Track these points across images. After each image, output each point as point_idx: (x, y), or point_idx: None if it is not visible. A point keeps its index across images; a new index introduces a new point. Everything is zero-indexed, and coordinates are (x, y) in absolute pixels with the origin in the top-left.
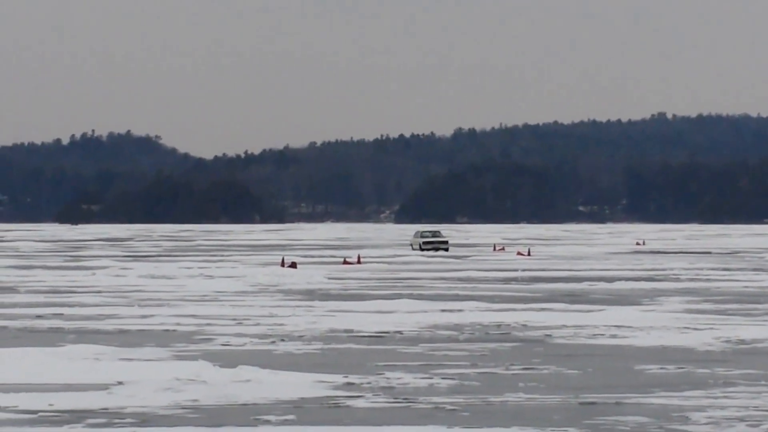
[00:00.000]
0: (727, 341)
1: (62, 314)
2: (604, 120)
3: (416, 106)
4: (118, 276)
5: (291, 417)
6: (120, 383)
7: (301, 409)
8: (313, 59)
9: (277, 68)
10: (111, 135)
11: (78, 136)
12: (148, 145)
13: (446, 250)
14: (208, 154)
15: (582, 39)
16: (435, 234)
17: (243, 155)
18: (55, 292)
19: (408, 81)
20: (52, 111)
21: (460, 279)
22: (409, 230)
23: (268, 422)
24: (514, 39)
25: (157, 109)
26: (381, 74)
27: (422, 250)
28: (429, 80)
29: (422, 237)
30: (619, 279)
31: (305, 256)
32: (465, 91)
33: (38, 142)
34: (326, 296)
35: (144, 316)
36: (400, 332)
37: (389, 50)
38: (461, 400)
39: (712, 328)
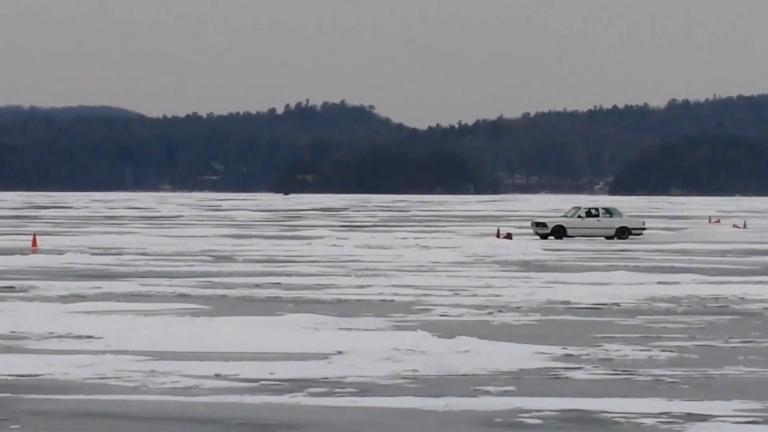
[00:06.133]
0: None
1: (280, 283)
2: None
3: (630, 77)
4: (334, 246)
5: (511, 388)
6: (339, 353)
7: (521, 380)
8: (527, 30)
9: (492, 39)
10: (325, 104)
11: (292, 105)
12: (362, 114)
13: None
14: (421, 125)
15: None
16: None
17: (457, 125)
18: (272, 261)
19: (622, 52)
20: (267, 81)
21: (675, 251)
22: (624, 202)
23: (487, 393)
24: (727, 10)
25: (372, 78)
26: (594, 45)
27: None
28: (643, 51)
29: None
30: None
31: (520, 227)
32: (679, 62)
33: (253, 111)
34: (542, 267)
35: (361, 286)
36: (617, 304)
37: (602, 22)
38: (681, 372)
39: None
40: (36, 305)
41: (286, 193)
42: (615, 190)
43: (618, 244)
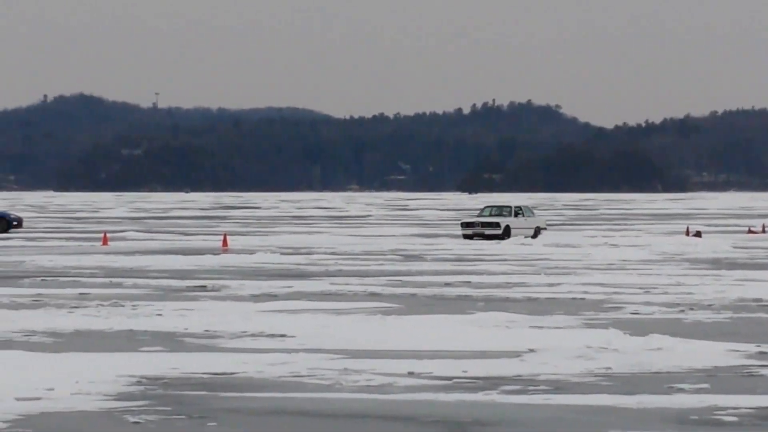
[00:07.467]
0: None
1: (470, 282)
2: None
3: None
4: (523, 244)
5: (705, 386)
6: (532, 351)
7: (715, 378)
8: (714, 28)
9: (678, 37)
10: (512, 104)
11: (479, 105)
12: (549, 114)
13: None
14: (608, 123)
15: None
16: None
17: (644, 124)
18: (461, 260)
19: None
20: (454, 81)
21: None
22: None
23: (682, 390)
24: None
25: (558, 78)
26: None
27: None
28: None
29: None
30: None
31: (709, 225)
32: None
33: (440, 111)
34: (733, 265)
35: (551, 284)
36: None
37: None
38: None
39: None
40: (228, 304)
41: (470, 193)
42: None
43: None
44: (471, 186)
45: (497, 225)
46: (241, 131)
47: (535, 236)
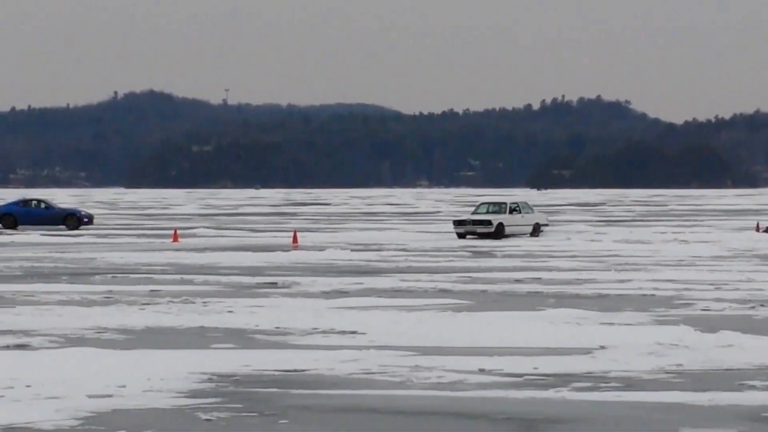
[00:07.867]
0: None
1: (540, 278)
2: None
3: None
4: (593, 240)
5: None
6: (602, 347)
7: None
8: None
9: (748, 33)
10: (581, 100)
11: (548, 101)
12: (618, 110)
13: None
14: (678, 119)
15: None
16: None
17: (713, 120)
18: (530, 256)
19: None
20: (523, 77)
21: None
22: None
23: (753, 387)
24: None
25: (628, 73)
26: None
27: None
28: None
29: None
30: None
31: None
32: None
33: (509, 107)
34: None
35: (622, 281)
36: None
37: None
38: None
39: None
40: (299, 301)
41: (539, 189)
42: None
43: None
44: (541, 182)
45: (489, 223)
46: (311, 127)
47: (534, 234)
